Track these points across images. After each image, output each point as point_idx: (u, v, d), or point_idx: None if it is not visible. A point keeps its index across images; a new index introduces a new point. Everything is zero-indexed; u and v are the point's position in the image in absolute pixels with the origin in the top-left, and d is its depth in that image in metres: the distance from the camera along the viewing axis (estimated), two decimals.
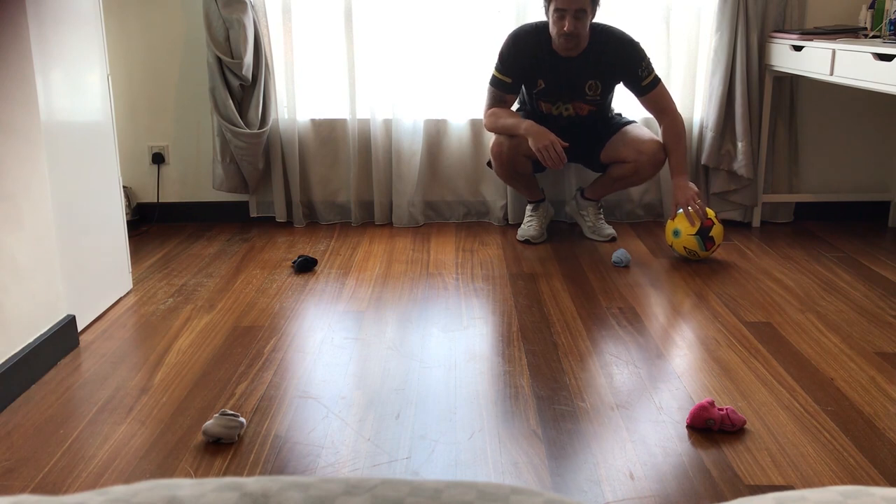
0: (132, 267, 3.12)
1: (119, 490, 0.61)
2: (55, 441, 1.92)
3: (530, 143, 3.16)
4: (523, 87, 3.40)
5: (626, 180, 3.38)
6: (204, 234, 3.68)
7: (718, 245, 3.18)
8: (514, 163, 3.32)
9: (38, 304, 2.27)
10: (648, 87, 3.28)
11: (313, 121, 3.74)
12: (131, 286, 2.97)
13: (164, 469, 1.80)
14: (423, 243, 3.50)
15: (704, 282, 2.98)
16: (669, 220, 3.22)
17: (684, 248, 3.16)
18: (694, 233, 3.12)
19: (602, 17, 3.65)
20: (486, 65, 3.67)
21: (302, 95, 3.70)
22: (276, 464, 1.83)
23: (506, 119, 3.28)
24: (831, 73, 2.99)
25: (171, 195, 3.86)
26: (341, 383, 2.20)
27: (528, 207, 3.58)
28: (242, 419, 1.94)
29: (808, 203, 3.80)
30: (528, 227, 3.52)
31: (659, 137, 3.35)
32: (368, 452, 1.86)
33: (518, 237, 3.51)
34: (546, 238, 3.53)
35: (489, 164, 3.47)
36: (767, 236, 3.57)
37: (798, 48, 3.25)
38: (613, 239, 3.48)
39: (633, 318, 2.64)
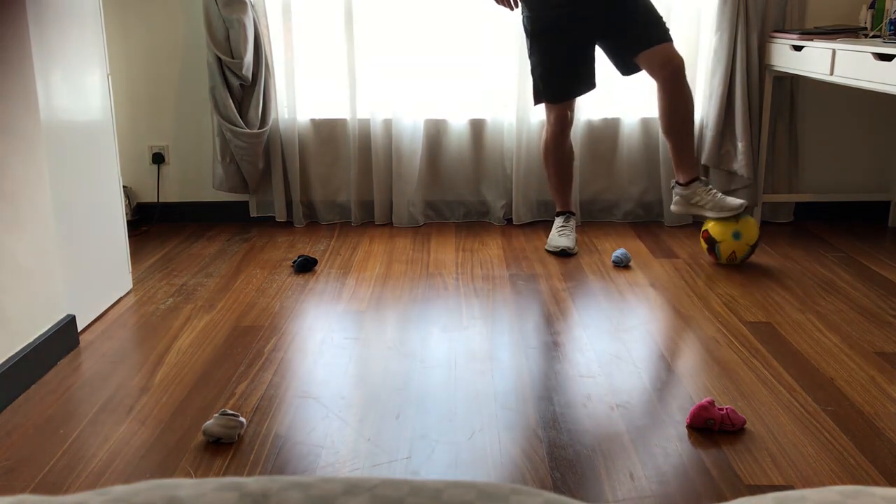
0: (132, 267, 3.12)
1: (119, 490, 0.61)
2: (55, 441, 1.92)
3: None
4: None
5: (675, 120, 3.14)
6: (204, 234, 3.68)
7: (729, 259, 3.13)
8: (558, 151, 3.33)
9: (38, 304, 2.27)
10: None
11: (313, 121, 3.74)
12: (131, 286, 2.97)
13: (164, 469, 1.80)
14: (423, 243, 3.50)
15: (704, 282, 2.98)
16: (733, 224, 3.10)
17: (735, 251, 3.11)
18: (753, 242, 3.10)
19: None
20: (486, 65, 3.66)
21: (302, 95, 3.70)
22: (276, 464, 1.83)
23: None
24: (831, 73, 2.99)
25: (171, 195, 3.86)
26: (341, 383, 2.20)
27: (559, 219, 3.41)
28: (242, 419, 1.94)
29: (808, 203, 3.80)
30: (562, 237, 3.32)
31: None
32: (368, 452, 1.86)
33: (549, 248, 3.32)
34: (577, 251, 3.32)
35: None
36: (767, 236, 3.57)
37: (798, 48, 3.24)
38: (744, 206, 3.10)
39: (633, 318, 2.64)
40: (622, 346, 2.43)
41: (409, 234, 3.63)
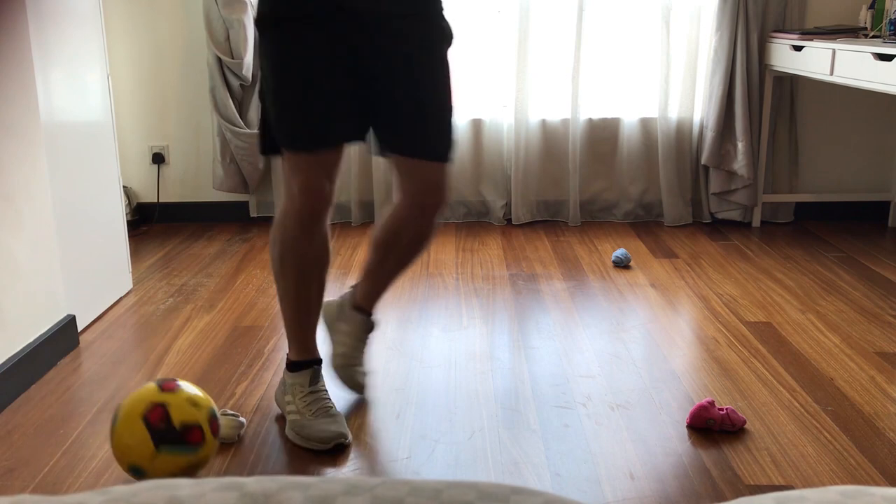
0: (132, 267, 3.12)
1: (119, 490, 0.61)
2: (55, 441, 1.92)
3: None
4: None
5: (399, 250, 2.02)
6: (204, 234, 3.68)
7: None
8: (303, 245, 1.90)
9: (38, 304, 2.27)
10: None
11: None
12: (131, 286, 2.97)
13: None
14: None
15: (704, 282, 2.98)
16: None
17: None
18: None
19: (602, 15, 3.65)
20: (486, 65, 3.66)
21: None
22: (276, 464, 1.83)
23: None
24: (831, 73, 2.99)
25: (171, 195, 3.86)
26: (341, 383, 2.20)
27: (301, 377, 1.96)
28: (242, 419, 1.94)
29: (808, 203, 3.80)
30: (327, 415, 1.92)
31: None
32: (368, 452, 1.86)
33: (308, 443, 1.87)
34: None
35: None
36: (767, 236, 3.57)
37: (798, 48, 3.25)
38: (360, 389, 2.11)
39: (633, 318, 2.64)
40: (622, 346, 2.43)
41: None
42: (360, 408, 2.07)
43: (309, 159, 1.80)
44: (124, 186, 3.76)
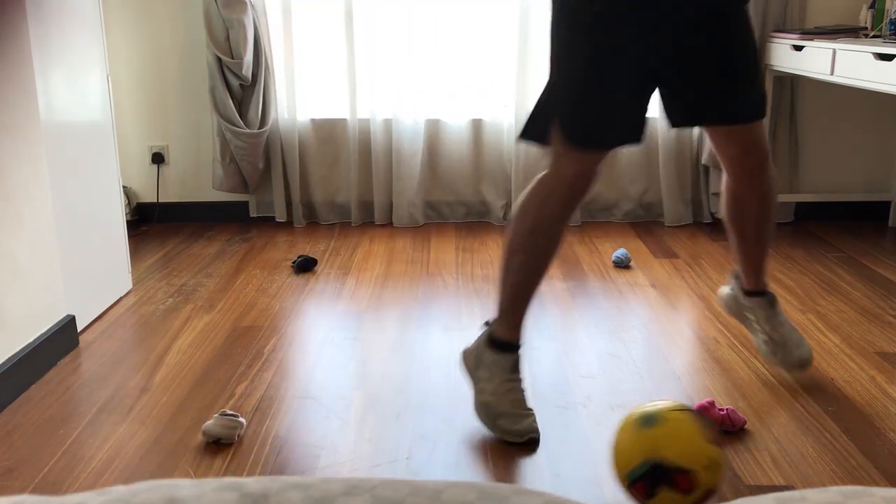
0: (132, 267, 3.12)
1: (119, 490, 0.61)
2: (55, 441, 1.92)
3: None
4: None
5: (749, 216, 2.07)
6: (204, 234, 3.68)
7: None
8: (554, 227, 1.91)
9: (38, 304, 2.27)
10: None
11: (313, 121, 3.74)
12: (131, 286, 2.97)
13: (164, 469, 1.80)
14: (423, 243, 3.50)
15: (704, 282, 2.98)
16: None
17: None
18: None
19: None
20: (486, 65, 3.66)
21: (302, 95, 3.70)
22: (276, 464, 1.83)
23: None
24: (831, 73, 2.99)
25: (171, 195, 3.86)
26: (341, 383, 2.20)
27: (505, 360, 1.96)
28: (242, 419, 1.94)
29: (809, 203, 3.80)
30: (521, 419, 1.91)
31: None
32: (368, 452, 1.86)
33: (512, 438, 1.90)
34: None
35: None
36: None
37: (798, 48, 3.24)
38: (806, 365, 2.15)
39: (633, 318, 2.64)
40: (622, 346, 2.43)
41: (409, 234, 3.63)
42: (360, 408, 2.07)
43: (592, 154, 1.85)
44: (124, 186, 3.76)
